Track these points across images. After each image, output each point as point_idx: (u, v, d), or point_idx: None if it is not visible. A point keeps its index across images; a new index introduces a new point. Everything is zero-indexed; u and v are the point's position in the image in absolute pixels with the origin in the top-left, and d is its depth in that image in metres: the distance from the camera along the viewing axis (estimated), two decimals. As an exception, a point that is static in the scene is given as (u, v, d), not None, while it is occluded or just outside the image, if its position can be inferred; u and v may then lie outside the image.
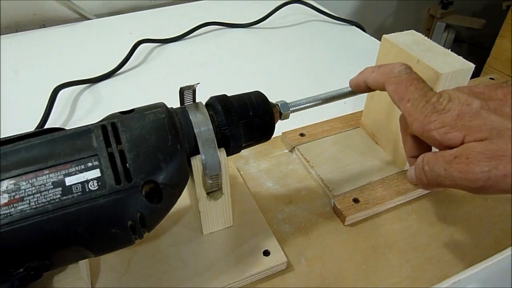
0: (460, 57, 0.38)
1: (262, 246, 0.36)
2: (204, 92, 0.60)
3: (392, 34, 0.41)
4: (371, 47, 0.73)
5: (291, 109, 0.36)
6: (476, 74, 0.40)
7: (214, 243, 0.36)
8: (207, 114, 0.32)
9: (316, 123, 0.50)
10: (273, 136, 0.48)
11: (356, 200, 0.40)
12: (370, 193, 0.41)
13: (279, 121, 0.35)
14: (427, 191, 0.42)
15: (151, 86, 0.62)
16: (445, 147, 0.27)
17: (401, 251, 0.37)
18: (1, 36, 0.74)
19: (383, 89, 0.32)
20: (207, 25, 0.76)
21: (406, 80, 0.30)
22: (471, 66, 0.37)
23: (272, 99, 0.35)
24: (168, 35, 0.73)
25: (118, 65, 0.64)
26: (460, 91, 0.28)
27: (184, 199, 0.39)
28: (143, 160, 0.28)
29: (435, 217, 0.40)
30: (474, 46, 1.26)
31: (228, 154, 0.33)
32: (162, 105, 0.31)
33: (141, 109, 0.31)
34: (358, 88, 0.35)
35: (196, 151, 0.31)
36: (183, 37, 0.74)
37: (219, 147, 0.32)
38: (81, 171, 0.27)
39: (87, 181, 0.26)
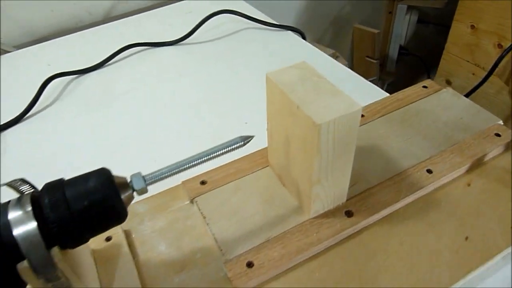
0: (349, 97, 0.33)
1: (134, 337, 0.32)
2: (125, 129, 0.54)
3: (279, 70, 0.36)
4: (306, 53, 0.67)
5: (148, 182, 0.31)
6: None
7: (83, 336, 0.32)
8: (30, 210, 0.27)
9: (221, 166, 0.45)
10: (175, 184, 0.45)
11: (250, 264, 0.36)
12: (267, 253, 0.36)
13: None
14: (332, 242, 0.38)
15: (64, 128, 0.57)
16: None
17: (295, 324, 0.33)
18: None
19: None
20: (130, 48, 0.71)
21: None
22: (358, 108, 0.32)
23: (203, 120, 0.32)
24: (90, 62, 0.68)
25: (26, 107, 0.59)
26: None
27: None
28: None
29: (341, 273, 0.36)
30: (441, 26, 1.19)
31: (71, 247, 0.29)
32: (-27, 208, 0.27)
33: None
34: None
35: (22, 256, 0.27)
36: (103, 64, 0.68)
37: (51, 245, 0.27)
38: None
39: None
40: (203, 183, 0.43)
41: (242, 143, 0.34)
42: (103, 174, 0.29)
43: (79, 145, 0.54)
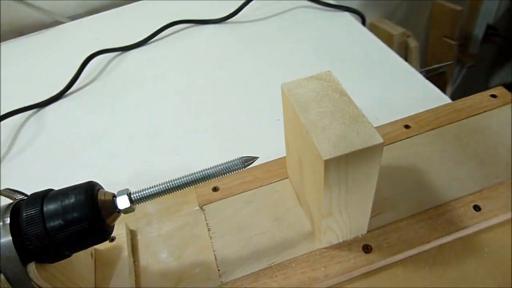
0: (371, 126, 0.27)
1: None
2: (162, 110, 0.53)
3: (296, 81, 0.31)
4: (358, 40, 0.60)
5: (134, 201, 0.29)
6: None
7: None
8: (8, 225, 0.26)
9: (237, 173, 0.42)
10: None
11: (246, 292, 0.33)
12: (266, 283, 0.33)
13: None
14: (341, 279, 0.33)
15: (103, 106, 0.58)
16: None
17: None
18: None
19: None
20: (175, 24, 0.68)
21: None
22: (378, 143, 0.26)
23: (248, 102, 0.29)
24: (136, 37, 0.67)
25: (67, 84, 0.60)
26: None
27: None
28: None
29: (346, 318, 0.32)
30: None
31: (50, 262, 0.28)
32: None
33: None
34: None
35: (-1, 268, 0.26)
36: (146, 41, 0.67)
37: (27, 260, 0.27)
38: None
39: None
40: (215, 189, 0.41)
41: (243, 165, 0.30)
42: (85, 191, 0.28)
43: (118, 123, 0.54)
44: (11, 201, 0.29)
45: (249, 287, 0.33)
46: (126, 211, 0.29)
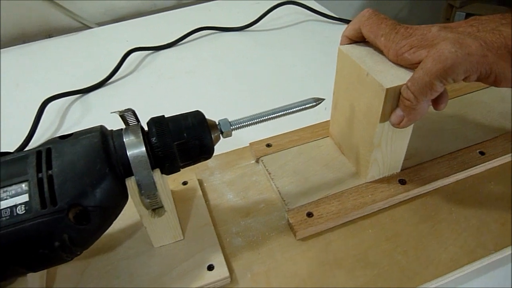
0: (409, 70, 0.36)
1: (207, 260, 0.37)
2: (192, 100, 0.61)
3: (349, 45, 0.40)
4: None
5: (232, 127, 0.36)
6: None
7: (163, 256, 0.38)
8: (141, 136, 0.33)
9: (285, 133, 0.49)
10: (243, 146, 0.50)
11: (310, 214, 0.40)
12: (326, 207, 0.41)
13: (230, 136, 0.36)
14: (385, 204, 0.41)
15: (140, 95, 0.64)
16: (417, 64, 0.33)
17: (348, 269, 0.37)
18: (9, 48, 0.78)
19: (362, 34, 0.38)
20: (200, 30, 0.77)
21: (377, 21, 0.36)
22: (422, 79, 0.35)
23: (257, 103, 0.35)
24: (163, 41, 0.75)
25: (109, 74, 0.67)
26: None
27: (137, 214, 0.41)
28: (69, 185, 0.29)
29: (391, 233, 0.40)
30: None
31: (166, 173, 0.34)
32: (97, 129, 0.33)
33: (78, 134, 0.33)
34: (350, 37, 0.40)
35: (131, 173, 0.32)
36: (176, 43, 0.75)
37: (154, 168, 0.33)
38: (11, 196, 0.29)
39: (16, 206, 0.28)
40: (268, 145, 0.48)
41: (315, 103, 0.38)
42: (198, 115, 0.35)
43: (150, 111, 0.60)
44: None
45: (312, 211, 0.40)
46: (227, 134, 0.36)
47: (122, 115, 0.34)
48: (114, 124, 0.35)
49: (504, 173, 0.44)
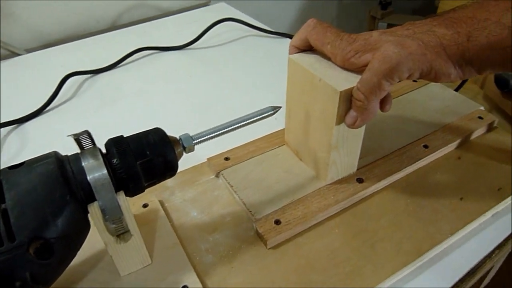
0: (357, 74, 0.39)
1: (180, 281, 0.36)
2: (141, 121, 0.59)
3: (297, 54, 0.42)
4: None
5: (194, 141, 0.35)
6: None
7: (132, 284, 0.36)
8: (101, 158, 0.31)
9: (242, 145, 0.50)
10: (199, 162, 0.49)
11: (277, 222, 0.40)
12: (292, 213, 0.41)
13: (192, 152, 0.35)
14: (347, 203, 0.43)
15: (83, 119, 0.61)
16: (363, 68, 0.36)
17: (322, 270, 0.37)
18: None
19: (309, 43, 0.40)
20: (140, 51, 0.76)
21: (322, 30, 0.39)
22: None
23: (208, 120, 0.35)
24: (101, 64, 0.72)
25: (46, 102, 0.63)
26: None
27: (100, 242, 0.38)
28: (27, 217, 0.27)
29: (357, 229, 0.41)
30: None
31: (130, 195, 0.33)
32: (52, 155, 0.31)
33: (31, 162, 0.30)
34: (298, 47, 0.42)
35: (93, 198, 0.30)
36: (116, 65, 0.73)
37: (117, 190, 0.31)
38: (-38, 236, 0.26)
39: (-32, 246, 0.25)
40: (226, 159, 0.48)
41: (273, 111, 0.39)
42: (158, 132, 0.34)
43: (98, 135, 0.57)
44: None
45: (279, 218, 0.41)
46: (189, 149, 0.35)
47: (77, 138, 0.32)
48: (62, 152, 0.33)
49: (447, 162, 0.48)
